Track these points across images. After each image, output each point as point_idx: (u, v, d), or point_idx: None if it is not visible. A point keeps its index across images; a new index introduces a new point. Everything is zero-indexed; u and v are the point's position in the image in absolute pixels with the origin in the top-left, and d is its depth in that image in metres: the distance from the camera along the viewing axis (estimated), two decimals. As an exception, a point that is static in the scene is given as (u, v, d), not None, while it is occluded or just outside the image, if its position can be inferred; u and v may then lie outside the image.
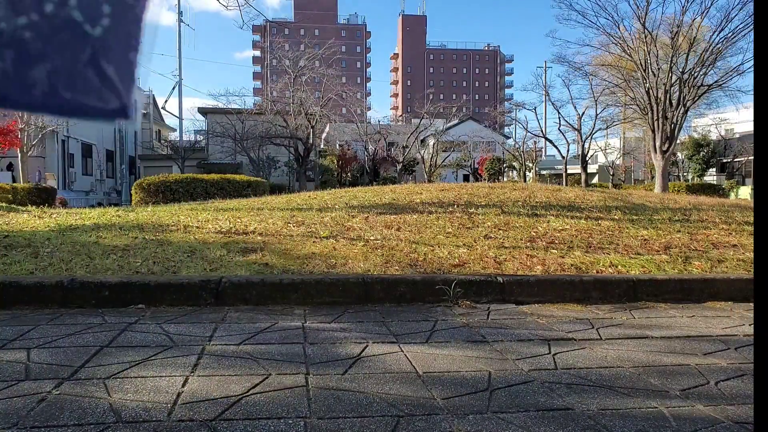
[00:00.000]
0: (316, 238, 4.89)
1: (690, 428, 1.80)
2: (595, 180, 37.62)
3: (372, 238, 4.92)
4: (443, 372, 2.29)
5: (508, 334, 2.90)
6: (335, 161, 34.66)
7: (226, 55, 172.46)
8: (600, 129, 30.55)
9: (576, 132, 29.92)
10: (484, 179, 37.27)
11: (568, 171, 33.40)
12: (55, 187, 18.50)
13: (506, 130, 55.05)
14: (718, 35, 18.02)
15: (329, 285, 3.51)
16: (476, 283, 3.63)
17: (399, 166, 34.58)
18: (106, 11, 0.31)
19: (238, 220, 5.72)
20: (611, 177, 35.56)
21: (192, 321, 3.01)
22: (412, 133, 33.84)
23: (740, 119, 32.52)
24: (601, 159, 39.56)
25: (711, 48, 18.13)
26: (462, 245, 4.72)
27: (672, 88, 18.68)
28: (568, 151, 32.63)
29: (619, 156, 37.42)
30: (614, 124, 31.23)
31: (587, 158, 29.36)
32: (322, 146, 35.38)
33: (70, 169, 25.94)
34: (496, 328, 3.02)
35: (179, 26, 27.16)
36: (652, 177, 27.00)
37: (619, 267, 4.17)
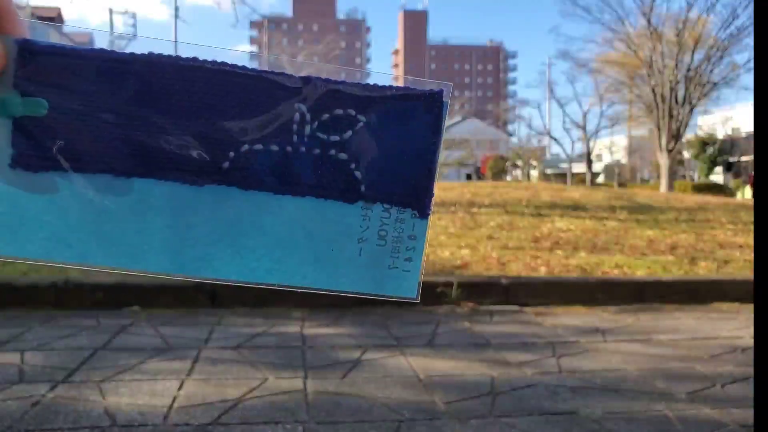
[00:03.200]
0: (318, 237, 4.86)
1: (697, 434, 1.77)
2: (600, 179, 37.51)
3: (374, 237, 4.89)
4: (445, 376, 2.26)
5: (512, 336, 2.86)
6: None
7: (218, 50, 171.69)
8: (605, 127, 30.51)
9: (581, 130, 29.87)
10: (488, 178, 37.23)
11: (573, 170, 33.35)
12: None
13: (510, 127, 55.00)
14: (724, 32, 17.93)
15: (330, 285, 3.47)
16: (479, 285, 3.59)
17: (402, 165, 34.55)
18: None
19: (240, 220, 5.71)
20: (617, 176, 35.46)
21: (188, 324, 2.98)
22: (415, 132, 33.79)
23: (746, 117, 32.34)
24: (607, 158, 39.46)
25: (717, 45, 18.03)
26: (465, 246, 4.69)
27: (677, 86, 18.59)
28: (572, 149, 32.59)
29: (624, 155, 37.33)
30: (620, 122, 31.17)
31: (592, 157, 29.29)
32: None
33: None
34: (500, 330, 2.99)
35: (175, 23, 27.10)
36: (658, 176, 26.90)
37: (625, 268, 4.12)
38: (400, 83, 0.37)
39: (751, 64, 18.33)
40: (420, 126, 0.36)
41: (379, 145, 0.35)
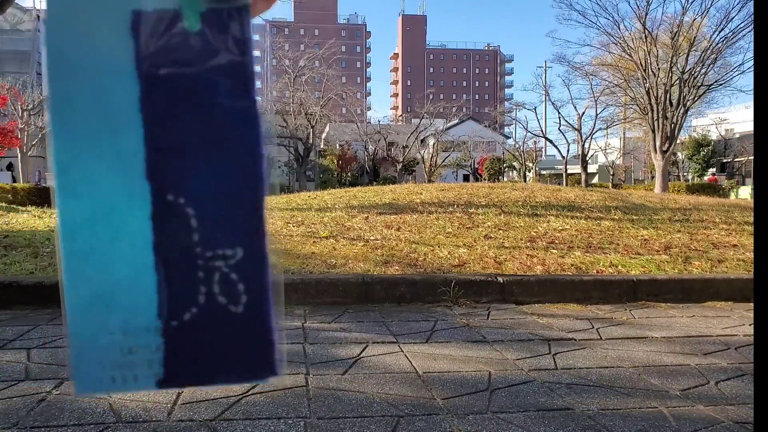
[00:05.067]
0: (316, 238, 4.89)
1: (690, 428, 1.80)
2: (595, 180, 37.61)
3: (372, 238, 4.92)
4: (443, 372, 2.29)
5: (508, 334, 2.90)
6: (335, 161, 34.69)
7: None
8: (600, 129, 30.59)
9: (576, 132, 29.94)
10: (484, 179, 37.28)
11: (568, 171, 33.43)
12: (55, 187, 18.46)
13: (506, 130, 55.10)
14: (718, 35, 18.05)
15: (329, 285, 3.51)
16: (476, 283, 3.63)
17: (399, 166, 34.62)
18: (241, 289, 0.37)
19: (238, 220, 5.71)
20: (611, 177, 35.56)
21: (192, 321, 3.01)
22: (412, 133, 33.87)
23: (740, 119, 32.54)
24: (601, 159, 39.57)
25: (711, 47, 18.15)
26: (462, 245, 4.72)
27: (672, 88, 18.70)
28: (568, 151, 32.67)
29: (619, 156, 37.44)
30: (614, 124, 31.27)
31: (587, 158, 29.37)
32: (322, 146, 35.39)
33: (71, 169, 25.87)
34: (496, 328, 3.02)
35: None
36: (652, 177, 27.02)
37: (620, 267, 4.16)
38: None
39: (746, 67, 18.47)
40: None
41: None
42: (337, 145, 38.06)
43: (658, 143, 18.66)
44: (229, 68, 0.36)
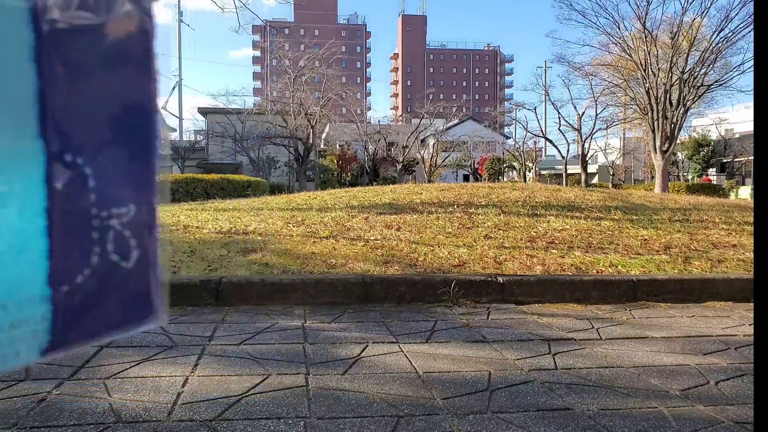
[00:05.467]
0: (316, 238, 4.89)
1: (690, 428, 1.80)
2: (595, 180, 37.61)
3: (372, 238, 4.92)
4: (443, 372, 2.29)
5: (508, 334, 2.90)
6: (335, 161, 34.66)
7: (222, 53, 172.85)
8: (600, 129, 30.57)
9: (576, 132, 29.92)
10: (484, 179, 37.28)
11: (568, 171, 33.40)
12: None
13: (506, 130, 55.13)
14: (717, 35, 18.05)
15: (329, 285, 3.51)
16: (476, 283, 3.63)
17: (399, 166, 34.61)
18: (133, 244, 0.37)
19: (238, 220, 5.72)
20: (611, 177, 35.55)
21: (192, 321, 3.01)
22: (412, 133, 33.86)
23: (740, 119, 32.55)
24: (601, 159, 39.58)
25: (711, 47, 18.16)
26: (462, 245, 4.72)
27: (672, 88, 18.70)
28: (568, 151, 32.63)
29: (619, 156, 37.43)
30: (614, 124, 31.25)
31: (587, 158, 29.36)
32: (322, 146, 35.37)
33: (70, 169, 25.90)
34: (496, 328, 3.02)
35: (179, 26, 27.17)
36: (652, 177, 27.03)
37: (619, 267, 4.16)
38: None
39: (746, 67, 18.48)
40: None
41: None
42: (337, 145, 38.04)
43: (658, 143, 18.65)
44: (130, 21, 0.34)
